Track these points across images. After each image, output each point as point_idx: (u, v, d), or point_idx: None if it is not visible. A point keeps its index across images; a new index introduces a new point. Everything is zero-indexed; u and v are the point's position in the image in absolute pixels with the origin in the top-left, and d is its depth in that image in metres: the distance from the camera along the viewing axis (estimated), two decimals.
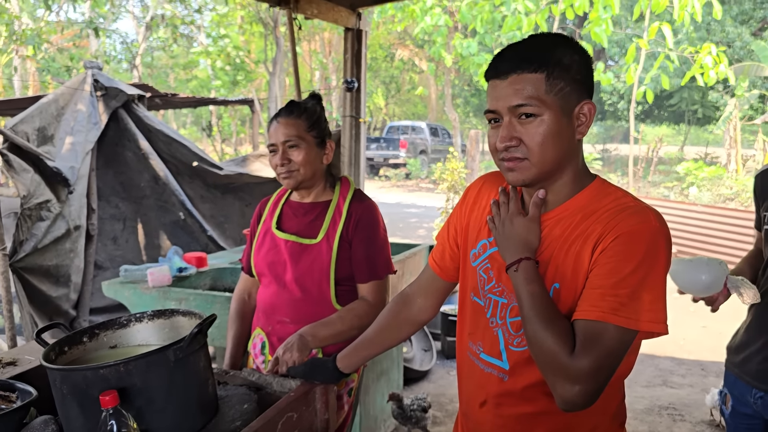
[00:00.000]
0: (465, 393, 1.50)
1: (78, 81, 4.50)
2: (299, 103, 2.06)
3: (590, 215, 1.25)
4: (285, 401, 1.62)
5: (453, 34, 14.20)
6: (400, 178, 21.65)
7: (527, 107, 1.21)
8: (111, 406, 1.27)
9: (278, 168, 2.00)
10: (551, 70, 1.21)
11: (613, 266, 1.18)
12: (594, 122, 15.42)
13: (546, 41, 1.26)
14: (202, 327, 1.48)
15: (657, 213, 1.24)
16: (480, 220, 1.46)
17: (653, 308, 1.17)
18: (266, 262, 2.07)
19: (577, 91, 1.24)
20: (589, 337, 1.16)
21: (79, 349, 1.60)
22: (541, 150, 1.23)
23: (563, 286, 1.25)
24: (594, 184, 1.31)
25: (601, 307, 1.16)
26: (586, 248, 1.23)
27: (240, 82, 18.39)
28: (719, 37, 19.42)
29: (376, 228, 2.06)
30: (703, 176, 13.40)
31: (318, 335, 1.92)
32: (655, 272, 1.18)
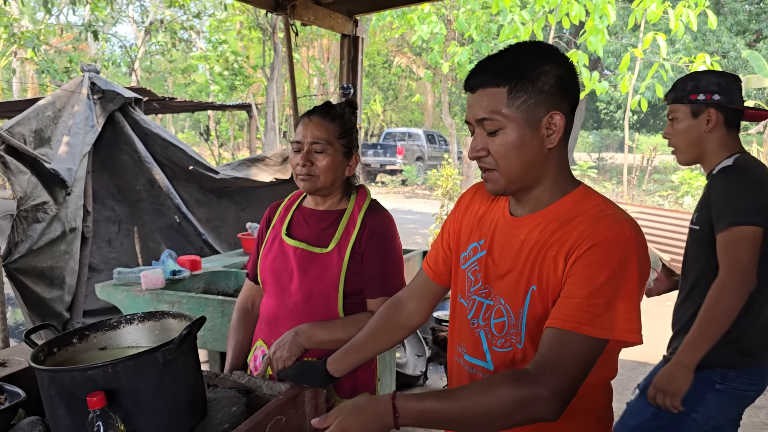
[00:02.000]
0: None
1: (75, 84, 4.50)
2: (336, 107, 1.96)
3: (569, 221, 1.28)
4: (274, 404, 1.62)
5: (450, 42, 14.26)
6: (396, 184, 21.67)
7: (488, 122, 1.27)
8: (98, 408, 1.27)
9: (298, 168, 1.90)
10: (514, 84, 1.24)
11: (587, 276, 1.20)
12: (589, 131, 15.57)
13: (517, 54, 1.29)
14: (192, 329, 1.48)
15: (633, 223, 1.26)
16: (471, 224, 1.49)
17: (628, 318, 1.19)
18: (272, 270, 1.97)
19: (545, 103, 1.26)
20: (558, 349, 1.18)
21: (69, 351, 1.60)
22: (505, 161, 1.28)
23: (539, 289, 1.29)
24: (576, 192, 1.34)
25: (576, 317, 1.19)
26: (561, 254, 1.25)
27: (238, 87, 18.41)
28: (714, 47, 19.52)
29: (391, 241, 1.96)
30: (698, 185, 13.43)
31: (314, 337, 1.86)
32: (629, 282, 1.20)
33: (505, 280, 1.36)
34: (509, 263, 1.35)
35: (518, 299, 1.32)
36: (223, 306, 2.89)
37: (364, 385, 1.97)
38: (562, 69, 1.28)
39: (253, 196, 5.18)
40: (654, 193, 15.54)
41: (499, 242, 1.40)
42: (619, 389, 4.77)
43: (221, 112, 19.68)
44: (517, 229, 1.36)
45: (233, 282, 3.52)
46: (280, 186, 5.12)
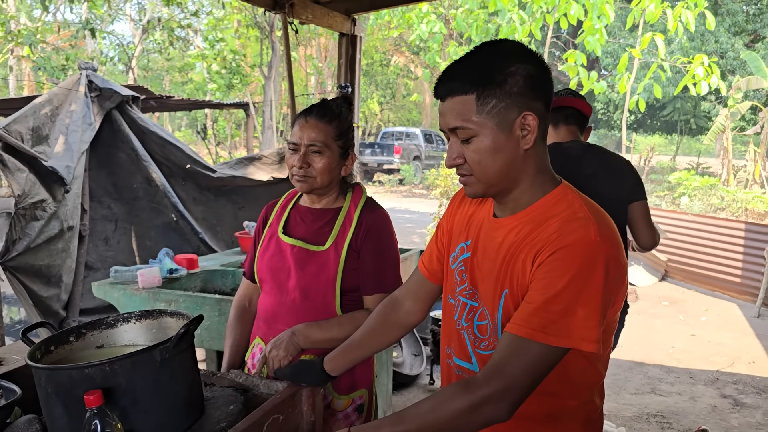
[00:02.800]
0: None
1: (72, 81, 4.49)
2: (332, 107, 1.93)
3: (542, 223, 1.26)
4: (271, 403, 1.62)
5: (448, 41, 14.26)
6: (393, 183, 21.67)
7: (460, 130, 1.26)
8: (95, 406, 1.27)
9: (294, 169, 1.89)
10: (481, 90, 1.22)
11: (547, 281, 1.18)
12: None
13: (482, 57, 1.26)
14: (189, 327, 1.47)
15: (604, 227, 1.23)
16: (461, 224, 1.49)
17: (586, 325, 1.16)
18: (269, 268, 1.97)
19: (516, 104, 1.23)
20: (508, 354, 1.18)
21: (66, 349, 1.59)
22: (481, 167, 1.27)
23: (511, 292, 1.28)
24: (555, 192, 1.32)
25: (531, 323, 1.17)
26: (529, 257, 1.24)
27: (235, 86, 18.38)
28: (712, 47, 19.56)
29: (387, 239, 1.96)
30: (695, 186, 13.46)
31: (310, 337, 1.86)
32: (591, 288, 1.16)
33: (485, 282, 1.35)
34: (489, 265, 1.35)
35: (495, 302, 1.32)
36: (220, 305, 2.88)
37: (362, 382, 1.98)
38: (530, 67, 1.25)
39: (251, 194, 5.17)
40: (651, 193, 15.55)
41: (482, 243, 1.39)
42: (615, 389, 4.80)
43: (218, 110, 19.66)
44: (497, 231, 1.35)
45: (230, 281, 3.52)
46: (278, 185, 5.12)
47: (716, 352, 5.69)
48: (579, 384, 1.29)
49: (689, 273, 8.14)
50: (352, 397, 1.96)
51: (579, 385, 1.30)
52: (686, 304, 7.39)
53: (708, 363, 5.39)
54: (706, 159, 26.80)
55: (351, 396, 1.95)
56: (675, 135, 30.05)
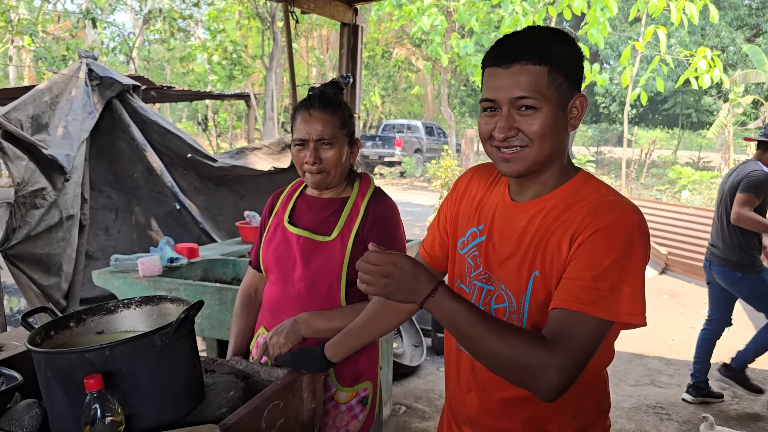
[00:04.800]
0: (452, 381, 1.52)
1: (72, 70, 4.47)
2: (331, 96, 1.91)
3: (571, 206, 1.28)
4: (271, 389, 1.62)
5: (450, 33, 14.20)
6: (394, 176, 21.65)
7: (529, 99, 1.23)
8: (95, 390, 1.27)
9: (306, 166, 1.86)
10: (552, 64, 1.23)
11: (592, 259, 1.20)
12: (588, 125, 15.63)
13: (547, 35, 1.28)
14: (189, 312, 1.47)
15: (635, 208, 1.26)
16: (469, 209, 1.48)
17: (632, 300, 1.18)
18: (275, 257, 1.95)
19: (571, 86, 1.27)
20: (567, 327, 1.17)
21: (66, 334, 1.59)
22: (540, 140, 1.26)
23: (542, 274, 1.28)
24: (578, 177, 1.35)
25: (581, 298, 1.18)
26: (565, 239, 1.25)
27: (236, 77, 18.33)
28: (714, 42, 19.50)
29: (394, 229, 1.93)
30: (695, 179, 13.45)
31: (312, 325, 1.85)
32: (633, 265, 1.19)
33: (506, 266, 1.35)
34: (510, 248, 1.34)
35: (520, 285, 1.31)
36: (221, 293, 2.88)
37: (367, 374, 1.96)
38: (580, 55, 1.30)
39: (252, 184, 5.16)
40: (652, 187, 15.54)
41: (499, 227, 1.39)
42: (615, 381, 4.80)
43: (219, 102, 19.62)
44: (519, 215, 1.35)
45: (231, 270, 3.52)
46: (278, 175, 5.11)
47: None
48: (595, 363, 1.29)
49: (689, 266, 8.13)
50: (356, 390, 1.95)
51: (595, 364, 1.30)
52: (686, 297, 7.39)
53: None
54: (707, 153, 26.75)
55: (355, 388, 1.94)
56: (677, 129, 30.01)
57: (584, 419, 1.38)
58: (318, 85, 2.01)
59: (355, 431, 1.95)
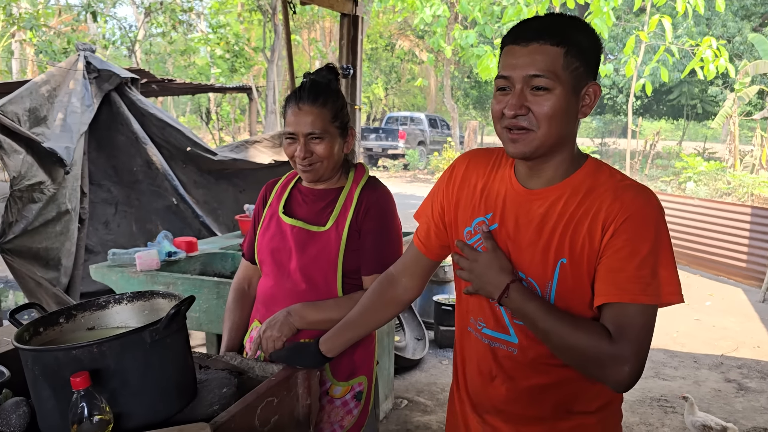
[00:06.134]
0: (471, 371, 1.50)
1: (70, 63, 4.44)
2: (323, 86, 1.85)
3: (591, 192, 1.31)
4: (265, 386, 1.59)
5: (453, 25, 14.11)
6: (398, 168, 21.62)
7: (542, 79, 1.25)
8: (82, 388, 1.24)
9: (297, 159, 1.83)
10: (570, 48, 1.25)
11: (631, 249, 1.24)
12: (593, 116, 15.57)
13: (567, 20, 1.30)
14: (180, 308, 1.44)
15: (651, 190, 1.32)
16: (472, 198, 1.46)
17: (670, 281, 1.25)
18: (270, 249, 1.91)
19: (587, 73, 1.29)
20: (626, 320, 1.23)
21: (56, 331, 1.56)
22: (548, 123, 1.27)
23: (571, 261, 1.30)
24: (588, 163, 1.37)
25: (630, 290, 1.23)
26: (595, 226, 1.28)
27: (238, 70, 18.28)
28: (720, 31, 19.34)
29: (388, 217, 1.89)
30: (700, 170, 13.36)
31: (306, 317, 1.81)
32: (665, 248, 1.26)
33: (527, 253, 1.35)
34: (530, 236, 1.34)
35: (546, 272, 1.32)
36: (219, 287, 2.85)
37: (362, 368, 1.92)
38: (599, 45, 1.31)
39: (252, 177, 5.12)
40: (657, 178, 15.46)
41: (513, 215, 1.38)
42: None
43: (222, 95, 19.58)
44: (535, 202, 1.35)
45: (230, 264, 3.49)
46: (279, 168, 5.07)
47: (721, 336, 5.65)
48: None
49: (694, 258, 8.09)
50: (351, 384, 1.91)
51: None
52: (691, 288, 7.35)
53: (712, 347, 5.35)
54: (713, 144, 26.62)
55: (350, 383, 1.90)
56: (682, 120, 29.85)
57: (605, 397, 1.41)
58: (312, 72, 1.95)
59: (349, 427, 1.91)
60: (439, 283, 5.66)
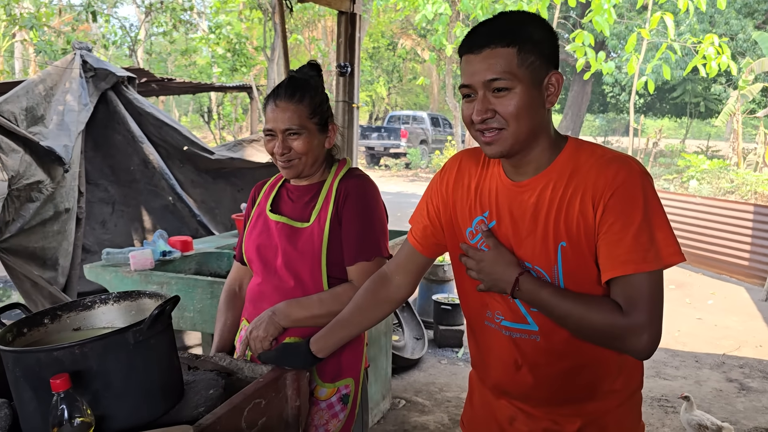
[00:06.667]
0: (497, 361, 1.51)
1: (66, 61, 4.41)
2: (301, 83, 1.86)
3: (576, 173, 1.34)
4: (253, 387, 1.57)
5: (454, 23, 14.06)
6: (400, 167, 21.60)
7: (500, 81, 1.28)
8: (62, 390, 1.22)
9: (276, 156, 1.84)
10: (522, 45, 1.28)
11: (624, 221, 1.27)
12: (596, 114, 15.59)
13: (516, 18, 1.33)
14: (164, 308, 1.42)
15: (633, 157, 1.35)
16: (467, 198, 1.49)
17: (668, 243, 1.28)
18: (256, 245, 1.91)
19: (545, 64, 1.31)
20: (634, 291, 1.27)
21: (40, 331, 1.54)
22: (516, 121, 1.30)
23: (570, 243, 1.33)
24: (569, 145, 1.39)
25: (632, 260, 1.26)
26: (585, 204, 1.31)
27: (239, 69, 18.25)
28: (723, 29, 19.26)
29: (369, 205, 1.86)
30: (703, 168, 13.30)
31: (291, 315, 1.80)
32: (656, 211, 1.29)
33: (527, 243, 1.38)
34: (527, 226, 1.38)
35: (549, 258, 1.35)
36: (213, 287, 2.82)
37: (349, 370, 1.89)
38: (553, 34, 1.35)
39: (250, 177, 5.09)
40: (659, 176, 15.40)
41: (507, 209, 1.41)
42: None
43: (224, 94, 19.56)
44: (524, 193, 1.39)
45: (225, 263, 3.46)
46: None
47: (723, 335, 5.62)
48: None
49: (697, 256, 8.04)
50: (338, 386, 1.88)
51: None
52: (693, 287, 7.31)
53: (714, 347, 5.32)
54: (716, 142, 26.53)
55: (336, 384, 1.87)
56: (685, 118, 29.77)
57: (627, 372, 1.47)
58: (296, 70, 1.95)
59: (336, 431, 1.88)
60: (438, 282, 5.63)
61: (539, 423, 1.49)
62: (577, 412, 1.45)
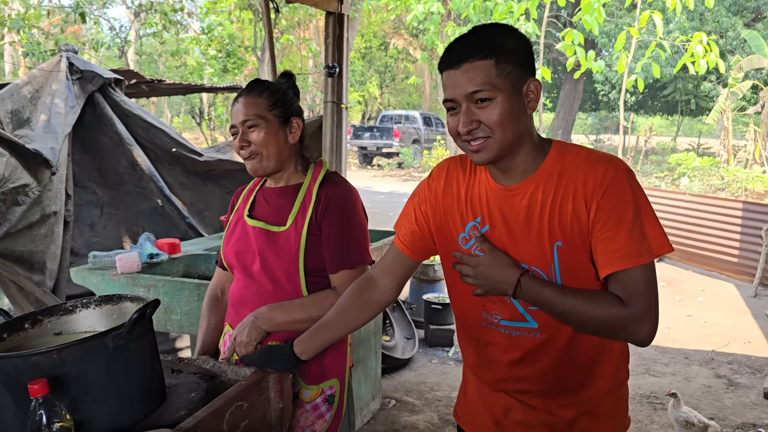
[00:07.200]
0: (495, 358, 1.54)
1: (53, 64, 4.39)
2: (262, 81, 1.90)
3: (563, 175, 1.40)
4: (235, 390, 1.57)
5: (446, 22, 14.08)
6: (392, 167, 21.62)
7: (482, 92, 1.34)
8: (40, 395, 1.22)
9: (240, 152, 1.85)
10: (498, 56, 1.34)
11: (616, 218, 1.34)
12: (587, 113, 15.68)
13: (489, 30, 1.39)
14: (144, 312, 1.41)
15: (616, 157, 1.41)
16: (458, 204, 1.53)
17: (657, 235, 1.35)
18: (234, 251, 1.92)
19: (522, 72, 1.37)
20: (632, 284, 1.34)
21: (20, 336, 1.53)
22: (501, 128, 1.36)
23: (565, 242, 1.38)
24: (554, 148, 1.45)
25: (628, 255, 1.33)
26: (578, 204, 1.37)
27: (230, 70, 18.21)
28: (712, 27, 19.35)
29: (349, 212, 1.86)
30: (694, 166, 13.37)
31: (273, 319, 1.80)
32: (644, 205, 1.36)
33: (522, 246, 1.42)
34: (520, 228, 1.42)
35: (546, 257, 1.40)
36: (200, 289, 2.82)
37: (333, 371, 1.90)
38: (526, 43, 1.40)
39: (238, 178, 5.08)
40: (651, 174, 15.47)
41: (499, 213, 1.45)
42: None
43: (216, 95, 19.51)
44: (516, 197, 1.43)
45: (214, 265, 3.42)
46: None
47: (712, 332, 5.65)
48: None
49: (687, 253, 8.08)
50: (322, 388, 1.88)
51: None
52: (683, 284, 7.34)
53: (703, 343, 5.35)
54: (707, 139, 26.66)
55: (320, 386, 1.88)
56: (676, 116, 29.89)
57: (615, 359, 1.53)
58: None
59: (322, 431, 1.89)
60: (429, 281, 5.64)
61: (535, 414, 1.53)
62: (572, 402, 1.51)
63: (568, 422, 1.51)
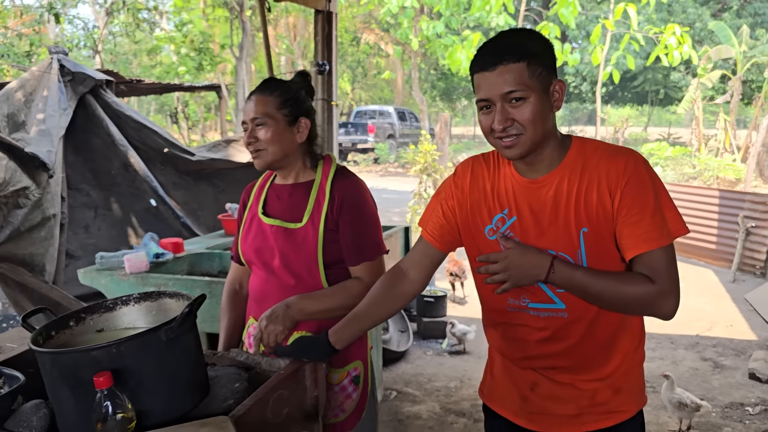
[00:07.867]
0: (523, 338, 1.64)
1: (44, 66, 4.38)
2: (276, 80, 1.97)
3: (587, 165, 1.52)
4: (276, 379, 1.63)
5: (419, 16, 14.16)
6: (368, 162, 21.63)
7: (517, 92, 1.45)
8: (105, 387, 1.27)
9: (248, 147, 1.94)
10: (530, 59, 1.45)
11: (639, 204, 1.46)
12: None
13: (520, 35, 1.51)
14: (193, 307, 1.47)
15: (633, 149, 1.55)
16: (485, 199, 1.64)
17: (675, 219, 1.48)
18: (254, 249, 1.98)
19: (549, 74, 1.49)
20: (657, 263, 1.46)
21: (66, 334, 1.58)
22: (533, 125, 1.47)
23: (591, 228, 1.49)
24: (574, 143, 1.57)
25: (653, 237, 1.45)
26: (603, 193, 1.48)
27: (205, 68, 18.06)
28: (680, 18, 19.72)
29: (363, 207, 1.95)
30: (667, 155, 13.65)
31: (305, 309, 1.87)
32: (662, 191, 1.49)
33: (550, 233, 1.53)
34: (548, 217, 1.53)
35: (573, 243, 1.51)
36: (210, 287, 2.87)
37: (356, 354, 1.99)
38: (551, 47, 1.53)
39: (231, 177, 5.11)
40: None
41: (526, 204, 1.56)
42: None
43: (189, 93, 19.36)
44: (542, 189, 1.55)
45: (217, 263, 3.50)
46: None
47: (695, 317, 5.82)
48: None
49: None
50: (347, 370, 1.97)
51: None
52: None
53: (687, 328, 5.51)
54: (677, 129, 27.14)
55: (346, 369, 1.97)
56: (646, 106, 30.37)
57: (637, 329, 1.64)
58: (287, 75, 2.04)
59: (351, 410, 1.98)
60: None
61: (561, 388, 1.63)
62: (596, 376, 1.61)
63: (591, 395, 1.61)
